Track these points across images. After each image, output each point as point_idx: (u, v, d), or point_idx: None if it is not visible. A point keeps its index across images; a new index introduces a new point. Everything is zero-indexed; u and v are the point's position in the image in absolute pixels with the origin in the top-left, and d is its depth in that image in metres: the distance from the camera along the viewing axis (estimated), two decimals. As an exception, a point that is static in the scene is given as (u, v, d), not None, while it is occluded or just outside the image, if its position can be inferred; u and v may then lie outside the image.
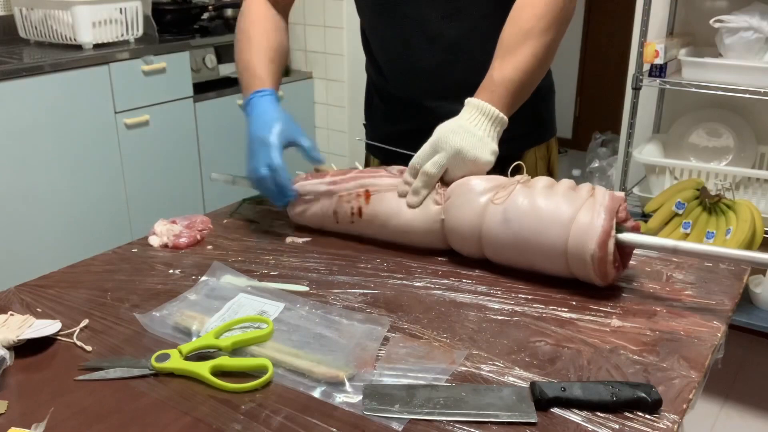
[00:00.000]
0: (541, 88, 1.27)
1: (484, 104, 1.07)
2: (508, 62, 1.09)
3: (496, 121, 1.08)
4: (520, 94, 1.11)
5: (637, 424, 0.70)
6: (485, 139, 1.06)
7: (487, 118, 1.07)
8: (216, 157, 2.93)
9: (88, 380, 0.79)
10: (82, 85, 2.42)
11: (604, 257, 0.92)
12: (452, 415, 0.72)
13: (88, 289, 1.00)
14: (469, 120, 1.07)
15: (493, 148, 1.07)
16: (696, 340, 0.86)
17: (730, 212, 2.02)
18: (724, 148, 2.31)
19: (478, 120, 1.07)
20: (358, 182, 1.12)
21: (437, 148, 1.06)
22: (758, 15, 2.04)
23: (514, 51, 1.10)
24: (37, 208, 2.37)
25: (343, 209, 1.13)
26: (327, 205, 1.14)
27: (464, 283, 1.01)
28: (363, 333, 0.86)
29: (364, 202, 1.11)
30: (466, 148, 1.04)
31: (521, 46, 1.09)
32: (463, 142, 1.05)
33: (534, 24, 1.10)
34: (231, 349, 0.83)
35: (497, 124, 1.08)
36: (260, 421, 0.72)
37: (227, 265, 1.04)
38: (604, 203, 0.94)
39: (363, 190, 1.11)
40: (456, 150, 1.04)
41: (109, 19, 2.58)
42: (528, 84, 1.12)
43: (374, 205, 1.11)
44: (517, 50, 1.09)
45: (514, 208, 0.98)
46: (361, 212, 1.11)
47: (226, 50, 2.95)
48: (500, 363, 0.81)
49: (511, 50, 1.10)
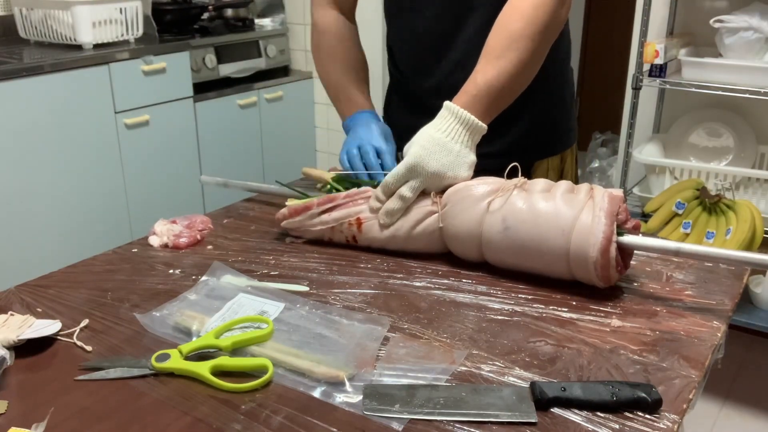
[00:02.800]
0: (563, 95, 1.27)
1: (463, 112, 1.06)
2: (493, 66, 1.07)
3: (474, 130, 1.06)
4: (502, 100, 1.10)
5: (637, 424, 0.70)
6: (462, 153, 1.05)
7: (465, 127, 1.06)
8: (216, 157, 2.93)
9: (88, 380, 0.79)
10: (82, 85, 2.42)
11: (606, 263, 0.92)
12: (452, 415, 0.72)
13: (89, 289, 1.00)
14: (446, 132, 1.05)
15: (470, 160, 1.06)
16: (696, 340, 0.86)
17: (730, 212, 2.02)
18: (724, 148, 2.30)
19: (454, 130, 1.05)
20: (346, 211, 1.10)
21: (413, 173, 1.04)
22: (758, 15, 2.04)
23: (500, 56, 1.08)
24: (37, 208, 2.37)
25: (338, 237, 1.12)
26: (321, 233, 1.13)
27: (464, 283, 1.01)
28: (363, 333, 0.86)
29: (357, 231, 1.10)
30: (443, 170, 1.03)
31: (507, 51, 1.07)
32: (440, 164, 1.03)
33: (522, 29, 1.08)
34: (231, 349, 0.83)
35: (475, 133, 1.07)
36: (260, 421, 0.72)
37: (227, 265, 1.04)
38: (603, 207, 0.93)
39: (354, 219, 1.09)
40: (433, 173, 1.03)
41: (109, 19, 2.58)
42: (511, 90, 1.11)
43: (368, 232, 1.09)
44: (503, 55, 1.08)
45: (513, 215, 0.98)
46: (356, 239, 1.11)
47: (226, 50, 2.95)
48: (500, 363, 0.81)
49: (497, 55, 1.08)
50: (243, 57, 3.04)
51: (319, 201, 1.11)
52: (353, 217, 1.09)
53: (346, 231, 1.10)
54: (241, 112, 3.00)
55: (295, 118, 3.28)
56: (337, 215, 1.10)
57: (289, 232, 1.16)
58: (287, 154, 3.27)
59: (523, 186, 1.01)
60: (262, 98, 3.09)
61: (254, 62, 3.09)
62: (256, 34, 3.11)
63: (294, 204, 1.13)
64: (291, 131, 3.27)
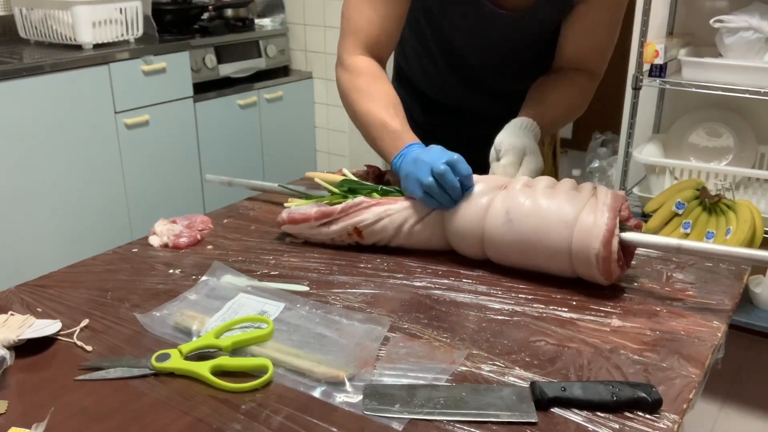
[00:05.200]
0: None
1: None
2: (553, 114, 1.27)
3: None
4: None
5: (638, 424, 0.70)
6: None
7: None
8: (216, 157, 2.93)
9: (88, 380, 0.79)
10: (82, 85, 2.42)
11: (608, 257, 0.92)
12: (452, 415, 0.72)
13: (89, 289, 1.00)
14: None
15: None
16: (696, 339, 0.86)
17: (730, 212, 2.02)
18: (724, 148, 2.30)
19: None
20: (343, 224, 1.09)
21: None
22: (758, 15, 2.04)
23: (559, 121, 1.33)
24: (37, 208, 2.37)
25: (339, 241, 1.12)
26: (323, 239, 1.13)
27: (464, 283, 1.01)
28: (363, 333, 0.86)
29: (358, 238, 1.10)
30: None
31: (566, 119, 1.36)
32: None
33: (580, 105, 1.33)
34: (231, 349, 0.83)
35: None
36: (260, 421, 0.72)
37: (227, 265, 1.04)
38: (606, 202, 0.94)
39: (352, 228, 1.09)
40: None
41: (109, 19, 2.58)
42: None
43: (370, 237, 1.09)
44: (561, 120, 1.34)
45: (516, 210, 0.98)
46: (359, 243, 1.11)
47: (226, 50, 2.95)
48: (500, 363, 0.81)
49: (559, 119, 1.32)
50: (243, 57, 3.04)
51: (316, 215, 1.10)
52: (351, 228, 1.09)
53: (347, 239, 1.11)
54: (241, 112, 3.00)
55: (295, 118, 3.28)
56: (335, 228, 1.09)
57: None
58: (287, 154, 3.27)
59: (526, 183, 1.01)
60: (262, 98, 3.09)
61: (254, 62, 3.09)
62: (256, 34, 3.11)
63: (292, 211, 1.12)
64: (291, 131, 3.28)
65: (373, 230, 1.08)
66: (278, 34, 3.20)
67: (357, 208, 1.09)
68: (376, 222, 1.07)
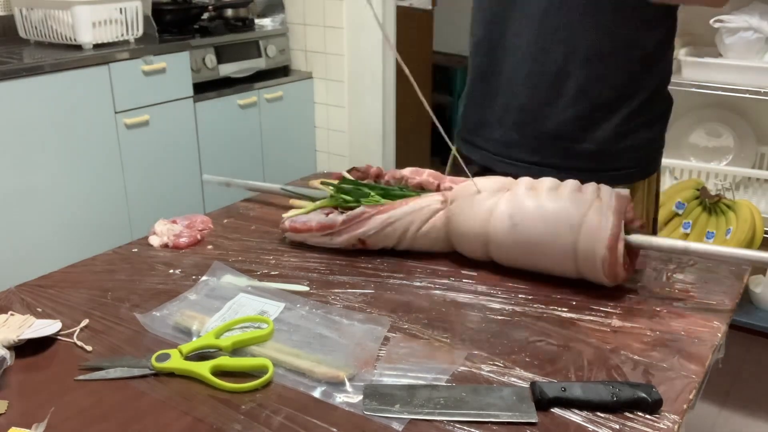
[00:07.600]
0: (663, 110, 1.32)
1: None
2: None
3: None
4: None
5: (638, 424, 0.70)
6: None
7: None
8: (216, 157, 2.93)
9: (89, 380, 0.79)
10: (82, 85, 2.42)
11: (614, 261, 0.92)
12: (452, 415, 0.72)
13: (89, 289, 1.00)
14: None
15: None
16: (696, 340, 0.86)
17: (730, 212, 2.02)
18: (724, 148, 2.30)
19: None
20: (347, 236, 1.08)
21: None
22: (758, 15, 2.04)
23: None
24: (38, 208, 2.37)
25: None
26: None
27: (464, 283, 1.01)
28: (363, 333, 0.86)
29: (363, 246, 1.09)
30: None
31: None
32: None
33: None
34: (231, 349, 0.83)
35: None
36: (260, 421, 0.72)
37: (227, 265, 1.04)
38: (611, 205, 0.94)
39: (356, 239, 1.08)
40: None
41: (109, 19, 2.58)
42: None
43: (374, 245, 1.09)
44: None
45: (520, 212, 0.98)
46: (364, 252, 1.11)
47: (226, 50, 2.94)
48: (500, 363, 0.81)
49: None
50: (243, 57, 3.04)
51: (317, 227, 1.09)
52: (356, 240, 1.08)
53: (352, 246, 1.10)
54: (241, 112, 3.00)
55: (295, 118, 3.28)
56: (340, 240, 1.08)
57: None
58: (287, 154, 3.27)
59: (530, 185, 1.01)
60: (262, 98, 3.08)
61: (254, 62, 3.09)
62: (256, 34, 3.11)
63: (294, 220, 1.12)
64: (291, 131, 3.27)
65: (378, 239, 1.08)
66: (278, 34, 3.20)
67: (359, 219, 1.07)
68: (379, 231, 1.07)
